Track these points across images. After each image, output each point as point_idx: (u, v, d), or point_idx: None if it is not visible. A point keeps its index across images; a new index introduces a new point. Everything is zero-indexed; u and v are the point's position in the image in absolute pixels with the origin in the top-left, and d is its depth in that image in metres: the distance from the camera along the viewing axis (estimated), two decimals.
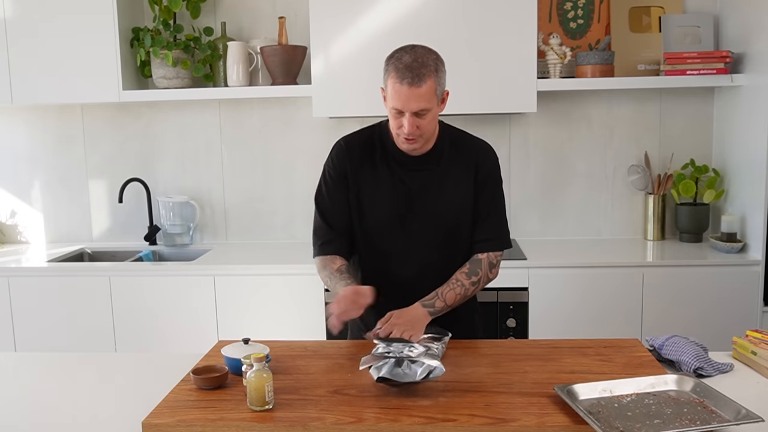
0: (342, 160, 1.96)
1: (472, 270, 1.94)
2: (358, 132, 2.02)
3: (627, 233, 3.38)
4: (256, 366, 1.49)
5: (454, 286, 1.90)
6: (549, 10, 3.26)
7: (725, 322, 2.84)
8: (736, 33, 3.05)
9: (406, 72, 1.74)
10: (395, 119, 1.81)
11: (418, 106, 1.76)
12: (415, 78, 1.74)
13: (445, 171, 1.94)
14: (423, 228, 1.93)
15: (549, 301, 2.87)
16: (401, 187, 1.92)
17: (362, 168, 1.95)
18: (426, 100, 1.77)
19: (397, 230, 1.93)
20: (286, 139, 3.43)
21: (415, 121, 1.79)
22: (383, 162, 1.94)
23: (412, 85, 1.74)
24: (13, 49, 3.12)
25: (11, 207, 3.59)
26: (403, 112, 1.78)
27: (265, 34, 3.33)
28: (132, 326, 3.01)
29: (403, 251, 1.94)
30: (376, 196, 1.93)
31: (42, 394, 1.71)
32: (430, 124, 1.83)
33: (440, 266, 1.95)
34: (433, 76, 1.77)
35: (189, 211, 3.45)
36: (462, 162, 1.95)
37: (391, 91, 1.78)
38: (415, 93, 1.75)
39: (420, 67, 1.75)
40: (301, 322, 2.94)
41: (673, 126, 3.30)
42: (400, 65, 1.76)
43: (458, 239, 1.97)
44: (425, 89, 1.75)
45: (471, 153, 1.97)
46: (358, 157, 1.95)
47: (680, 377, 1.57)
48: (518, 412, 1.45)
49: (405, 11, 2.89)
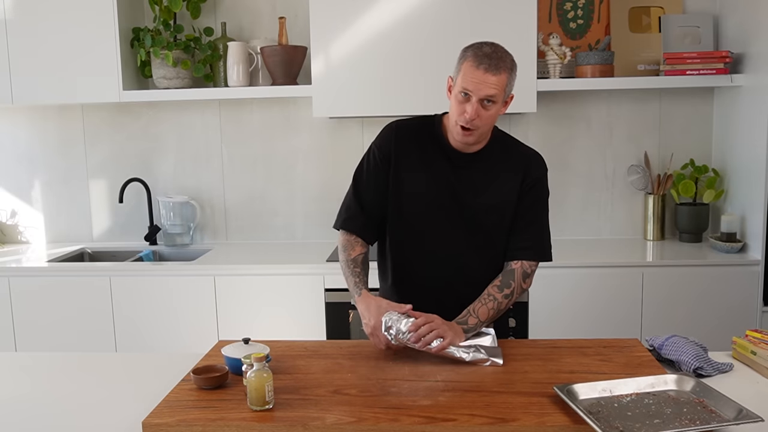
0: (389, 141, 1.94)
1: (504, 282, 1.90)
2: (413, 119, 2.00)
3: (627, 233, 3.38)
4: (256, 366, 1.49)
5: (486, 302, 1.87)
6: (549, 10, 3.26)
7: (725, 322, 2.84)
8: (736, 33, 3.05)
9: (485, 58, 1.77)
10: (460, 104, 1.80)
11: (487, 93, 1.76)
12: (492, 66, 1.76)
13: (493, 173, 1.92)
14: (459, 224, 1.92)
15: (549, 301, 2.87)
16: (445, 181, 1.91)
17: (409, 153, 1.93)
18: (496, 88, 1.77)
19: (433, 221, 1.92)
20: (286, 139, 3.43)
21: (478, 109, 1.78)
22: (432, 153, 1.92)
23: (488, 71, 1.76)
24: (13, 49, 3.13)
25: (11, 207, 3.59)
26: (470, 97, 1.78)
27: (265, 34, 3.33)
28: (132, 326, 3.01)
29: (436, 244, 1.93)
30: (417, 184, 1.92)
31: (42, 394, 1.71)
32: (490, 118, 1.82)
33: (470, 266, 1.94)
34: (508, 72, 1.79)
35: (189, 211, 3.45)
36: (511, 167, 1.94)
37: (464, 74, 1.78)
38: (489, 79, 1.76)
39: (498, 59, 1.78)
40: (301, 322, 2.94)
41: (673, 126, 3.30)
42: (480, 53, 1.78)
43: (494, 243, 1.95)
44: (498, 79, 1.77)
45: (521, 159, 1.96)
46: (407, 141, 1.94)
47: (680, 377, 1.58)
48: (518, 412, 1.46)
49: (405, 11, 2.90)
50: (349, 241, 1.96)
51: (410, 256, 1.97)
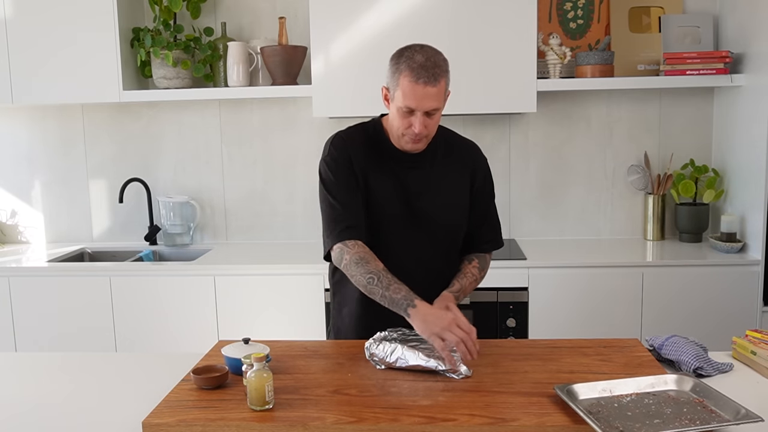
0: (345, 150, 1.90)
1: (481, 265, 1.99)
2: (352, 128, 1.98)
3: (627, 233, 3.38)
4: (256, 366, 1.49)
5: (471, 280, 1.95)
6: (549, 11, 3.26)
7: (725, 322, 2.84)
8: (736, 33, 3.05)
9: (422, 71, 1.74)
10: (403, 118, 1.80)
11: (431, 106, 1.76)
12: (430, 77, 1.74)
13: (442, 169, 1.94)
14: (421, 225, 1.92)
15: (549, 301, 2.87)
16: (399, 185, 1.91)
17: (364, 160, 1.90)
18: (439, 99, 1.78)
19: (397, 227, 1.91)
20: (286, 139, 3.43)
21: (424, 121, 1.79)
22: (380, 157, 1.92)
23: (428, 84, 1.74)
24: (13, 49, 3.13)
25: (11, 207, 3.59)
26: (414, 111, 1.78)
27: (265, 34, 3.33)
28: (132, 326, 3.01)
29: (401, 248, 1.92)
30: (381, 190, 1.90)
31: (42, 394, 1.71)
32: (437, 123, 1.84)
33: (435, 263, 1.95)
34: (445, 77, 1.78)
35: (189, 211, 3.45)
36: (457, 161, 1.96)
37: (404, 90, 1.76)
38: (430, 92, 1.75)
39: (434, 67, 1.75)
40: (301, 322, 2.94)
41: (673, 126, 3.30)
42: (414, 64, 1.74)
43: (454, 237, 1.98)
44: (438, 89, 1.76)
45: (466, 152, 2.00)
46: (356, 149, 1.91)
47: (680, 377, 1.58)
48: (518, 412, 1.46)
49: (405, 11, 2.90)
50: (366, 252, 1.80)
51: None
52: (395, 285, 1.74)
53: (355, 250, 1.81)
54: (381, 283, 1.74)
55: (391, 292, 1.73)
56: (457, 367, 1.64)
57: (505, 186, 3.37)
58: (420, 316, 1.67)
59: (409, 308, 1.69)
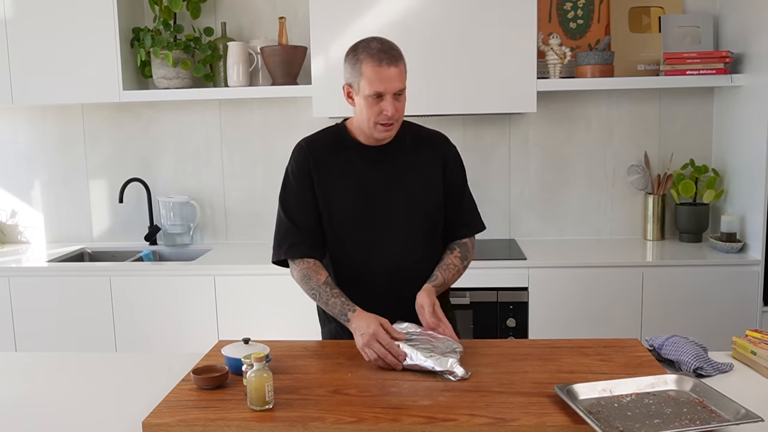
0: (305, 159, 1.95)
1: (462, 255, 2.00)
2: (319, 132, 2.03)
3: (627, 233, 3.38)
4: (256, 366, 1.49)
5: (453, 272, 1.95)
6: (549, 10, 3.26)
7: (725, 322, 2.84)
8: (736, 33, 3.05)
9: (382, 54, 1.79)
10: (373, 106, 1.82)
11: (397, 87, 1.81)
12: (391, 59, 1.80)
13: (411, 160, 1.95)
14: (393, 218, 1.93)
15: (549, 301, 2.87)
16: (369, 180, 1.92)
17: (326, 166, 1.94)
18: (402, 80, 1.83)
19: (370, 222, 1.92)
20: (286, 139, 3.41)
21: (394, 104, 1.82)
22: (347, 158, 1.94)
23: (391, 65, 1.79)
24: (13, 49, 3.13)
25: (11, 207, 3.59)
26: (383, 96, 1.81)
27: (265, 34, 3.33)
28: (132, 326, 3.01)
29: (378, 242, 1.93)
30: (344, 192, 1.92)
31: (42, 394, 1.71)
32: (404, 107, 1.88)
33: (416, 254, 1.96)
34: (402, 59, 1.84)
35: (189, 211, 3.45)
36: (426, 151, 1.98)
37: (369, 76, 1.80)
38: (393, 72, 1.79)
39: (391, 49, 1.82)
40: (302, 322, 2.94)
41: (673, 126, 3.30)
42: (372, 51, 1.80)
43: (429, 228, 1.99)
44: (399, 69, 1.81)
45: (433, 139, 2.02)
46: (321, 155, 1.95)
47: (680, 377, 1.57)
48: (518, 412, 1.46)
49: (405, 11, 2.90)
50: (308, 267, 1.90)
51: (354, 266, 1.95)
52: (332, 300, 1.84)
53: (300, 266, 1.92)
54: (321, 299, 1.87)
55: (330, 307, 1.85)
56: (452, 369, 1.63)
57: (505, 186, 3.37)
58: (353, 330, 1.78)
59: (346, 323, 1.80)
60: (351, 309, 1.81)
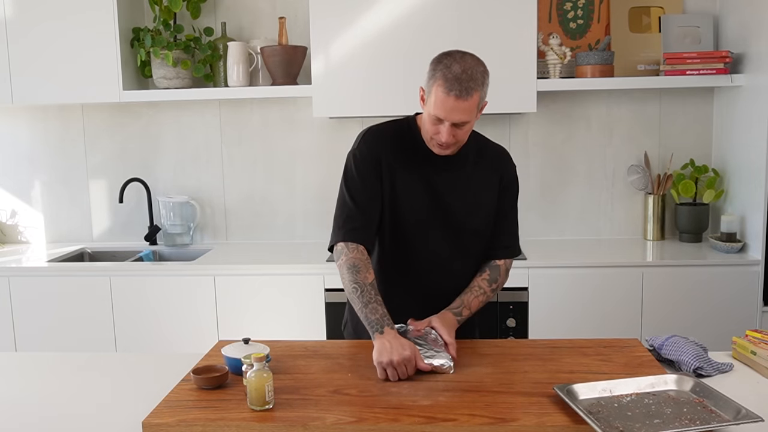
0: (375, 145, 1.88)
1: (492, 277, 1.95)
2: (387, 123, 1.96)
3: (627, 233, 3.38)
4: (256, 366, 1.49)
5: (477, 294, 1.91)
6: (549, 10, 3.26)
7: (725, 322, 2.84)
8: (736, 33, 3.05)
9: (455, 83, 1.70)
10: (433, 125, 1.78)
11: (459, 119, 1.73)
12: (463, 91, 1.70)
13: (472, 175, 1.92)
14: (445, 227, 1.91)
15: (549, 301, 2.87)
16: (430, 186, 1.89)
17: (395, 158, 1.88)
18: (468, 113, 1.74)
19: (426, 228, 1.90)
20: (286, 139, 3.43)
21: (452, 131, 1.76)
22: (413, 156, 1.89)
23: (459, 98, 1.70)
24: (13, 49, 3.13)
25: (11, 207, 3.59)
26: (443, 121, 1.75)
27: (265, 34, 3.33)
28: (132, 326, 3.01)
29: (428, 249, 1.92)
30: (409, 190, 1.88)
31: (42, 394, 1.71)
32: (466, 134, 1.82)
33: (459, 267, 1.95)
34: (479, 90, 1.73)
35: (189, 211, 3.45)
36: (488, 167, 1.94)
37: (435, 99, 1.73)
38: (460, 106, 1.71)
39: (468, 80, 1.71)
40: (301, 322, 2.94)
41: (673, 126, 3.30)
42: (449, 74, 1.70)
43: (476, 242, 1.96)
44: (470, 103, 1.72)
45: (496, 158, 1.97)
46: (389, 145, 1.89)
47: (680, 377, 1.58)
48: (518, 412, 1.46)
49: (405, 11, 2.90)
50: (360, 259, 1.80)
51: (399, 261, 1.94)
52: (373, 305, 1.75)
53: (353, 254, 1.81)
54: (362, 298, 1.76)
55: (368, 311, 1.74)
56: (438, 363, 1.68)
57: None
58: (378, 344, 1.68)
59: (376, 333, 1.71)
60: (389, 324, 1.73)
